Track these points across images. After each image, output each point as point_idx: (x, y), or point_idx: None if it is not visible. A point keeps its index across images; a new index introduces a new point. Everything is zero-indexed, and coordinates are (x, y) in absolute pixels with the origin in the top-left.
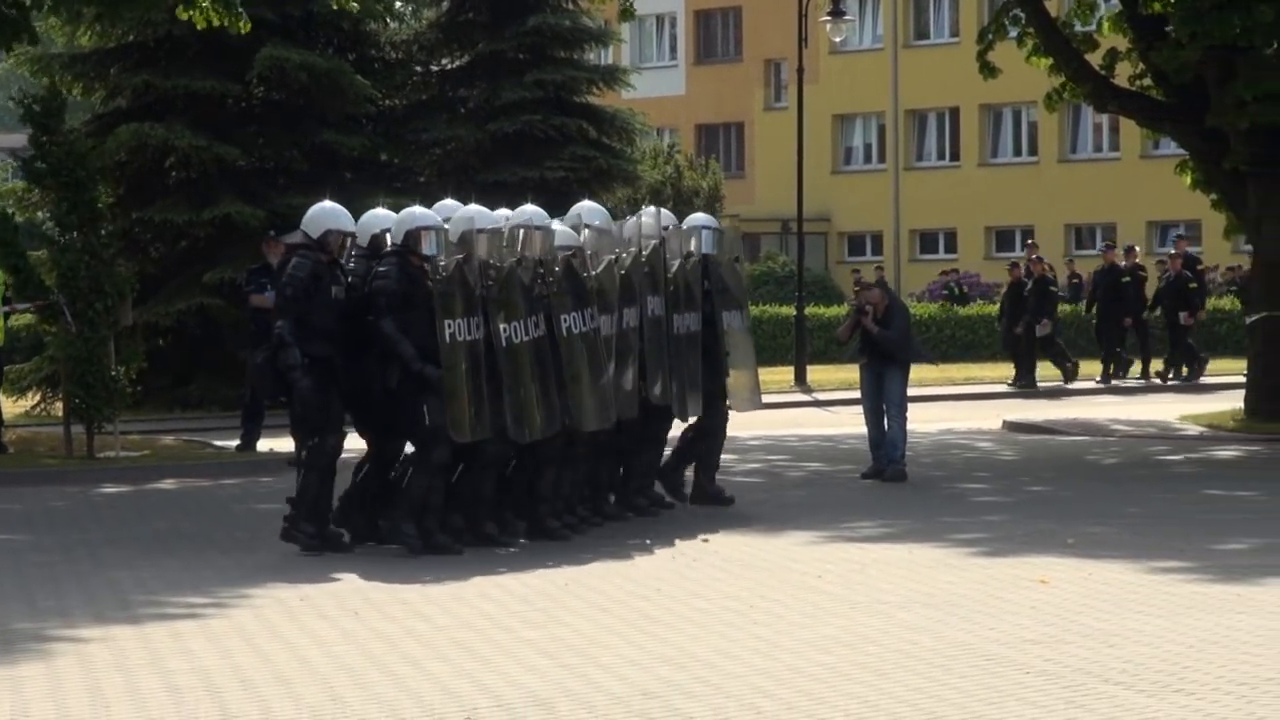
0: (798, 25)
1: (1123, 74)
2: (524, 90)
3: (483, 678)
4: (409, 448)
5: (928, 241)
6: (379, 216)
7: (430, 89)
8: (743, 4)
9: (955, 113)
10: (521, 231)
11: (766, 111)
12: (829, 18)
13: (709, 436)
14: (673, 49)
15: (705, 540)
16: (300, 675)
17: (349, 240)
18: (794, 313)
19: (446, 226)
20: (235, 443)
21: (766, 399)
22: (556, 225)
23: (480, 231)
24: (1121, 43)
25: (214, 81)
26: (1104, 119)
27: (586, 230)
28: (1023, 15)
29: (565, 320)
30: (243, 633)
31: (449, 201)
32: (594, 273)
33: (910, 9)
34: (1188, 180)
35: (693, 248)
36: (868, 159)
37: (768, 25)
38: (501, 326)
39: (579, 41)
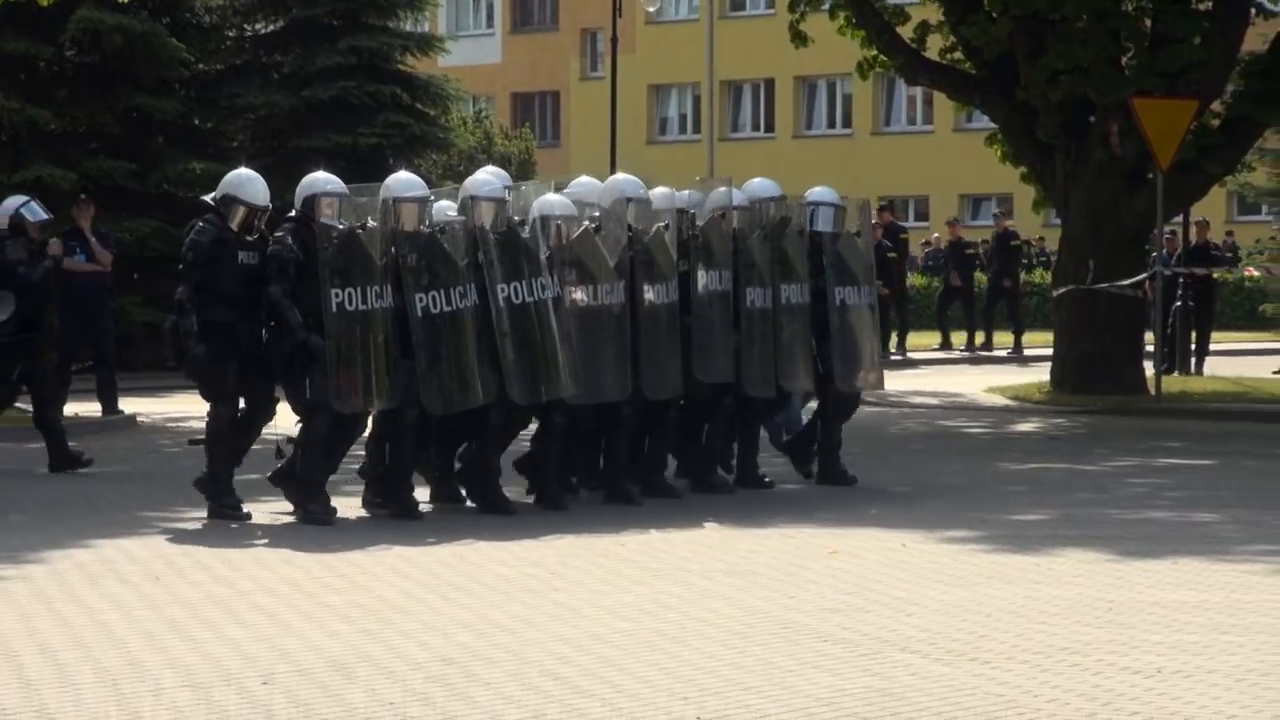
0: None
1: (934, 47)
2: (338, 56)
3: (282, 642)
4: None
5: None
6: (317, 180)
7: (244, 54)
8: None
9: (770, 84)
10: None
11: (582, 81)
12: None
13: (833, 414)
14: (489, 17)
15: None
16: (99, 639)
17: (254, 211)
18: None
19: (344, 192)
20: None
21: None
22: (555, 195)
23: (405, 200)
24: (933, 15)
25: (26, 43)
26: (917, 93)
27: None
28: None
29: (503, 290)
30: (41, 596)
31: (584, 178)
32: (565, 241)
33: None
34: (998, 153)
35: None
36: (683, 129)
37: None
38: (418, 296)
39: (394, 8)
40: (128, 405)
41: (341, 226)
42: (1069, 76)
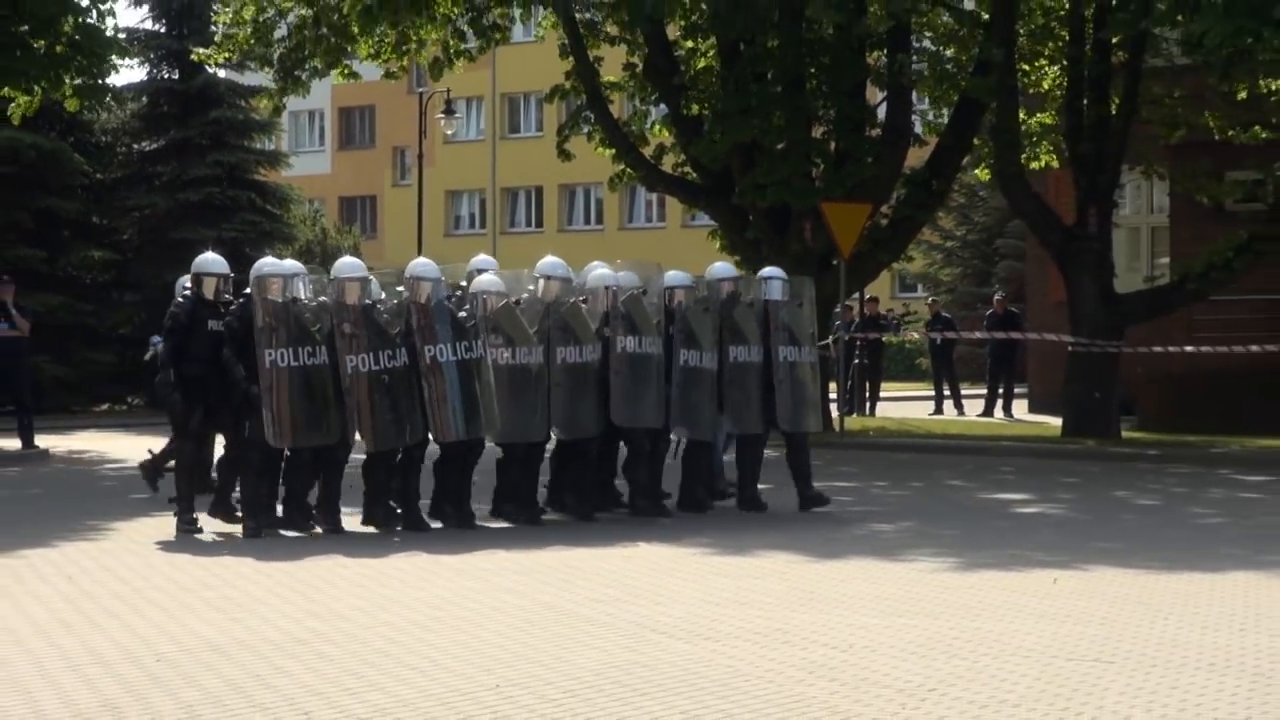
0: (419, 120)
1: (669, 162)
2: (206, 168)
3: (167, 627)
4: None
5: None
6: (266, 265)
7: (133, 165)
8: (376, 103)
9: (540, 190)
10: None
11: (394, 188)
12: (443, 115)
13: (790, 450)
14: (321, 137)
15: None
16: (23, 625)
17: (219, 281)
18: None
19: (297, 274)
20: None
21: None
22: (490, 276)
23: (348, 279)
24: (668, 139)
25: None
26: (653, 197)
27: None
28: (592, 116)
29: (430, 350)
30: None
31: (551, 258)
32: (484, 313)
33: (505, 108)
34: (718, 245)
35: (760, 294)
36: (472, 225)
37: (396, 120)
38: (348, 358)
39: (249, 130)
40: (41, 441)
41: (279, 300)
42: (773, 187)
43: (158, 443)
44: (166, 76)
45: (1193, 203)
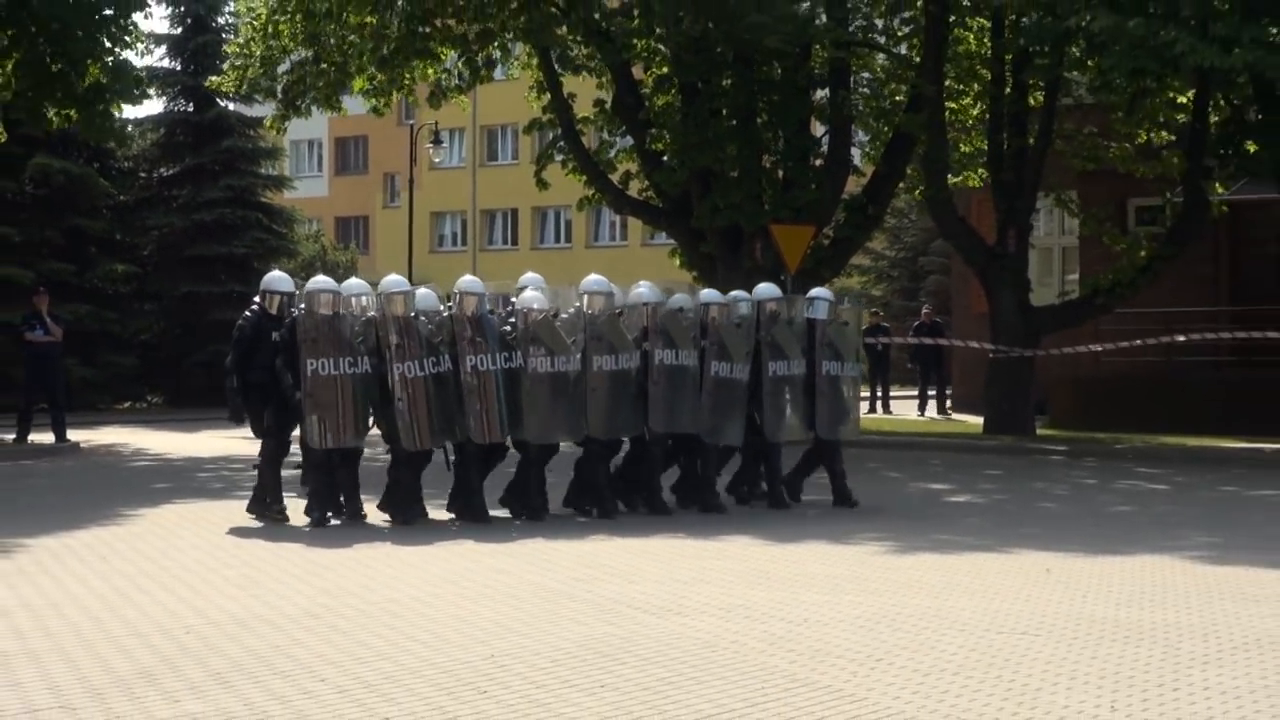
0: (409, 148)
1: (634, 188)
2: (219, 191)
3: (194, 603)
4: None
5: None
6: (318, 282)
7: (152, 188)
8: (369, 133)
9: (516, 212)
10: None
11: (384, 209)
12: (431, 144)
13: (825, 455)
14: (319, 163)
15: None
16: (65, 600)
17: (284, 298)
18: None
19: (334, 290)
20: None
21: None
22: (532, 291)
23: (394, 293)
24: (633, 167)
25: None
26: (617, 218)
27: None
28: (566, 146)
29: (471, 359)
30: (21, 570)
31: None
32: (524, 325)
33: (484, 139)
34: (677, 262)
35: (804, 313)
36: (455, 243)
37: (387, 148)
38: (395, 365)
39: (256, 158)
40: (72, 436)
41: (325, 314)
42: (727, 210)
43: (175, 438)
44: (182, 109)
45: (1105, 224)
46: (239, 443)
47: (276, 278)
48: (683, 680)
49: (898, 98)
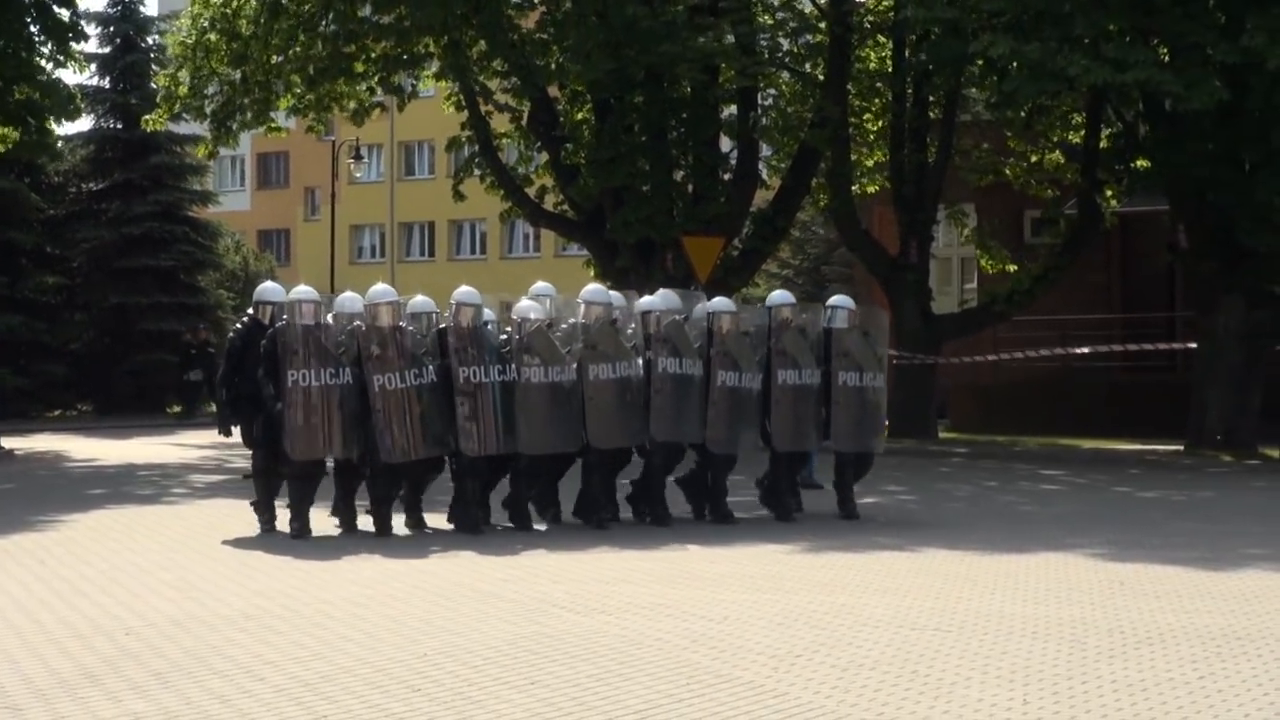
0: (330, 163)
1: (549, 201)
2: (147, 205)
3: (133, 605)
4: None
5: None
6: (300, 292)
7: (82, 202)
8: (290, 149)
9: (432, 225)
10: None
11: (305, 222)
12: (351, 160)
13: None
14: (242, 179)
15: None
16: (5, 604)
17: (275, 308)
18: None
19: (316, 300)
20: None
21: None
22: (529, 301)
23: (381, 304)
24: (549, 181)
25: None
26: (530, 230)
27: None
28: (484, 162)
29: (465, 371)
30: None
31: (541, 284)
32: (520, 336)
33: (402, 154)
34: (592, 273)
35: (820, 322)
36: (373, 255)
37: (308, 164)
38: (375, 377)
39: (183, 173)
40: (5, 443)
41: (308, 323)
42: (639, 223)
43: (107, 444)
44: (111, 126)
45: (997, 238)
46: (170, 449)
47: (269, 288)
48: (610, 677)
49: (803, 114)
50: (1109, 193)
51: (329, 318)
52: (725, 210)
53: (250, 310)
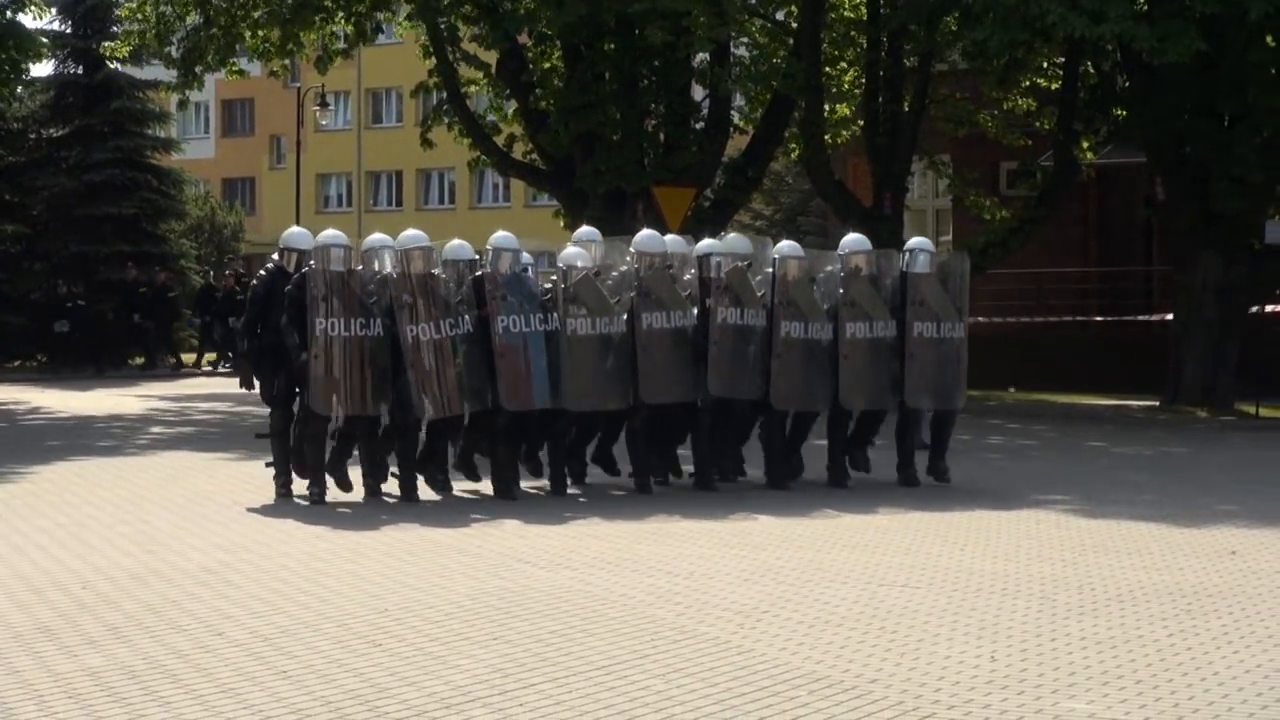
0: (296, 111)
1: (519, 150)
2: (108, 152)
3: (90, 559)
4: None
5: None
6: (329, 236)
7: (42, 150)
8: (255, 96)
9: (400, 174)
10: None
11: (271, 170)
12: (317, 106)
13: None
14: (207, 126)
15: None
16: None
17: (302, 255)
18: None
19: (346, 245)
20: None
21: None
22: (575, 248)
23: (414, 249)
24: (518, 130)
25: None
26: (500, 179)
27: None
28: (452, 109)
29: (503, 320)
30: None
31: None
32: (568, 284)
33: (369, 101)
34: (562, 224)
35: (897, 267)
36: (340, 204)
37: (273, 111)
38: (408, 328)
39: (145, 120)
40: None
41: (338, 270)
42: (610, 172)
43: (66, 395)
44: (73, 71)
45: (972, 189)
46: (129, 400)
47: (296, 234)
48: (573, 633)
49: (779, 59)
50: (1085, 144)
51: (439, 269)
52: (697, 160)
53: (274, 257)
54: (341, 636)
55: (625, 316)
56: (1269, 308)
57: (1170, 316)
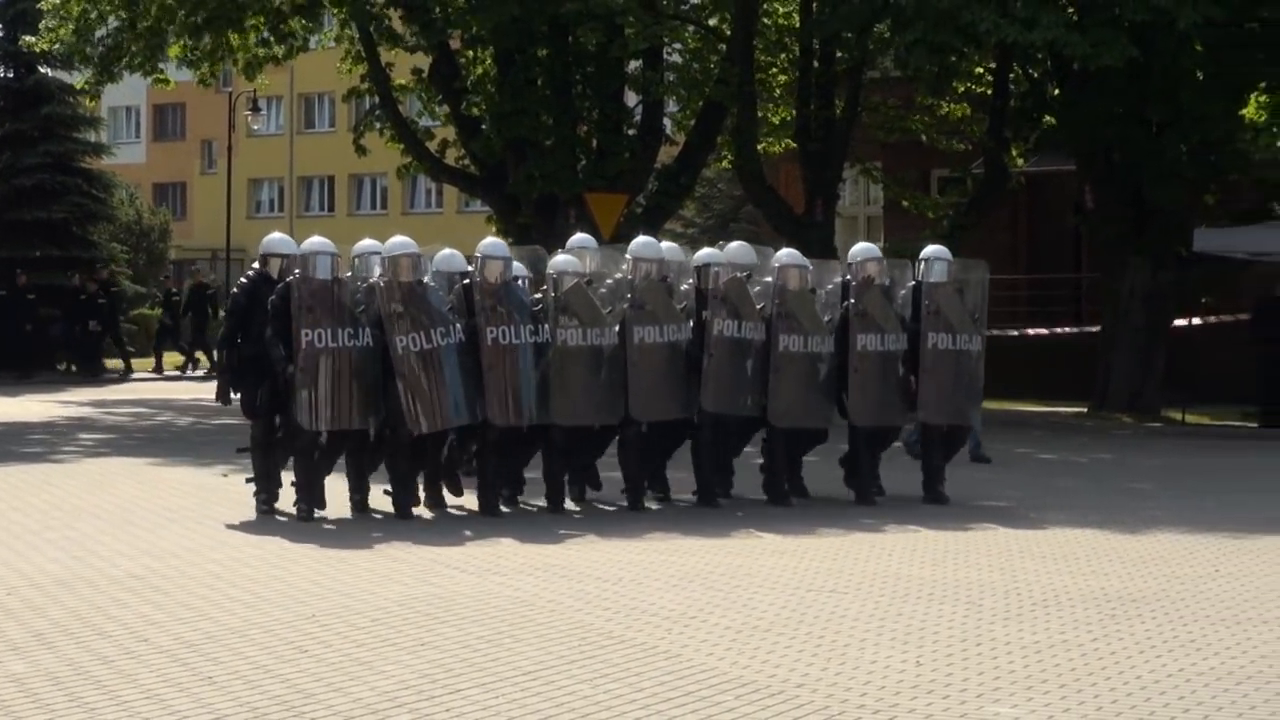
0: (228, 116)
1: (451, 156)
2: (38, 157)
3: (16, 565)
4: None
5: None
6: (314, 243)
7: None
8: (187, 101)
9: (332, 179)
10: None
11: (202, 175)
12: (249, 112)
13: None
14: (138, 130)
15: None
16: None
17: (284, 261)
18: None
19: (332, 252)
20: None
21: None
22: (567, 256)
23: (401, 256)
24: (451, 135)
25: None
26: (432, 185)
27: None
28: (384, 115)
29: (493, 331)
30: None
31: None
32: (556, 293)
33: (301, 107)
34: (494, 229)
35: (910, 277)
36: (272, 209)
37: (205, 115)
38: (398, 338)
39: (76, 124)
40: None
41: (324, 279)
42: (542, 179)
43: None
44: (2, 75)
45: (907, 193)
46: (58, 407)
47: (277, 240)
48: (501, 638)
49: (710, 68)
50: (1015, 152)
51: (428, 278)
52: (629, 166)
53: (255, 264)
54: (268, 643)
55: (617, 328)
56: (1195, 320)
57: (1097, 328)
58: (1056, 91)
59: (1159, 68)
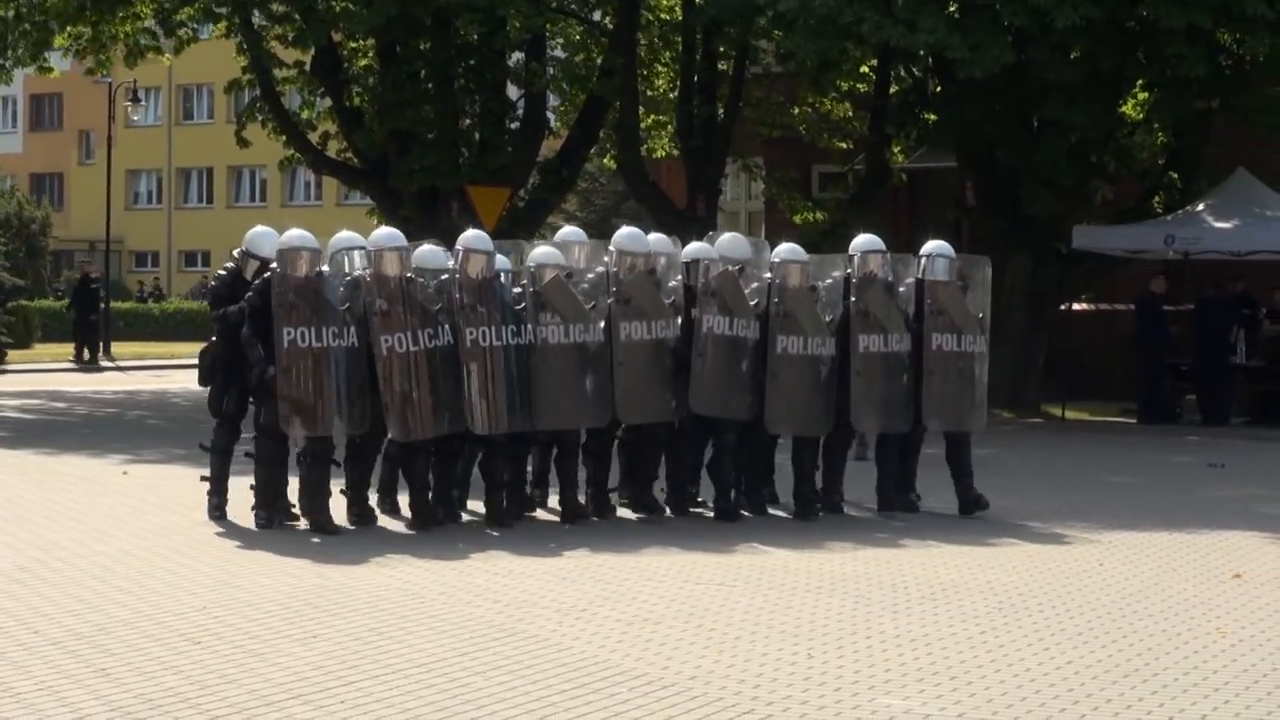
0: (107, 106)
1: (333, 148)
2: None
3: None
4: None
5: (190, 259)
6: (293, 237)
7: None
8: (64, 90)
9: (211, 171)
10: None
11: (79, 166)
12: (128, 102)
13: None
14: (14, 120)
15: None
16: None
17: (260, 264)
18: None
19: (313, 247)
20: None
21: None
22: (547, 248)
23: (387, 250)
24: (332, 127)
25: None
26: (311, 177)
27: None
28: (265, 106)
29: (472, 332)
30: None
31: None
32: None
33: (180, 97)
34: (376, 222)
35: (913, 273)
36: (150, 201)
37: (83, 105)
38: (382, 337)
39: None
40: None
41: (304, 274)
42: (423, 171)
43: None
44: None
45: (785, 192)
46: None
47: (260, 233)
48: (393, 630)
49: (593, 61)
50: (897, 148)
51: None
52: (512, 160)
53: (233, 258)
54: (161, 635)
55: (602, 325)
56: (1075, 306)
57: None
58: (937, 89)
59: (1038, 68)
